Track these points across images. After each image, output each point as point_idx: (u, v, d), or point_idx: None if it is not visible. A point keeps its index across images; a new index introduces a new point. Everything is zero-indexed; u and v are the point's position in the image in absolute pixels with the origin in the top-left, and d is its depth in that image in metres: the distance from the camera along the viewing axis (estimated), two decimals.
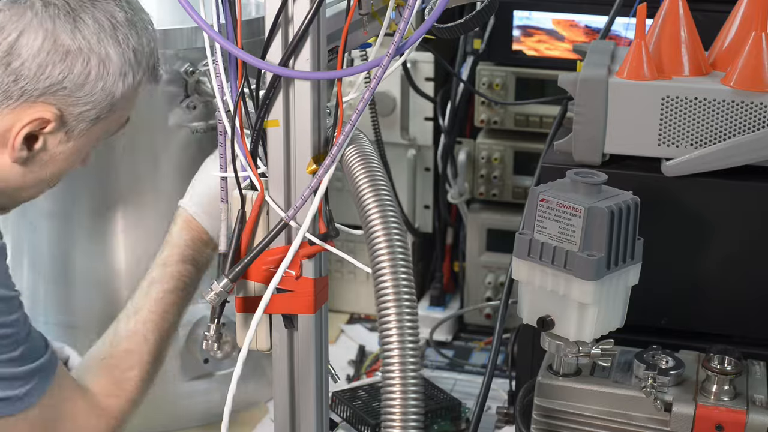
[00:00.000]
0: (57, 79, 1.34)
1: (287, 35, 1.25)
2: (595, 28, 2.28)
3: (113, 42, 1.37)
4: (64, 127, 1.38)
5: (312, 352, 1.38)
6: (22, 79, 1.33)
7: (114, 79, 1.38)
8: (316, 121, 1.29)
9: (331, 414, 1.94)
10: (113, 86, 1.38)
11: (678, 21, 1.65)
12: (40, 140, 1.37)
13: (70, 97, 1.36)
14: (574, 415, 1.50)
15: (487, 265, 2.46)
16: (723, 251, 1.63)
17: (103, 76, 1.37)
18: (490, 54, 2.38)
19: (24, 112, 1.34)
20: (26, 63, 1.33)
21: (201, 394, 2.01)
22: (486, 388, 1.70)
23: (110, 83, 1.38)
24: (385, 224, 1.18)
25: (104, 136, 1.46)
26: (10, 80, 1.33)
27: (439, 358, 2.38)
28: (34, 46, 1.33)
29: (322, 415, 1.42)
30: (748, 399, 1.46)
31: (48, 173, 1.42)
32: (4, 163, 1.37)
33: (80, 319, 1.97)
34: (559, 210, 1.41)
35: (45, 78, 1.34)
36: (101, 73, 1.37)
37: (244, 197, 1.33)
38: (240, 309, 1.37)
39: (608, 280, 1.41)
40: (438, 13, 1.25)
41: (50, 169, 1.41)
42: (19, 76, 1.33)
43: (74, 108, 1.37)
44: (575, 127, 1.64)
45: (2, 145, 1.36)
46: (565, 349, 1.45)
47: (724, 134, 1.59)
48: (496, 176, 2.43)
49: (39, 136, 1.37)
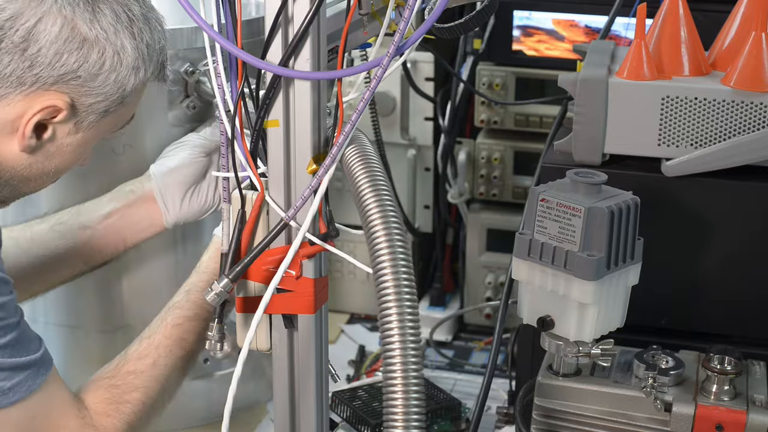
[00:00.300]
0: (72, 67, 1.33)
1: (287, 35, 1.25)
2: (595, 28, 2.28)
3: (129, 35, 1.37)
4: (74, 118, 1.37)
5: (312, 352, 1.38)
6: (38, 65, 1.32)
7: (127, 72, 1.37)
8: (316, 121, 1.29)
9: (331, 414, 1.94)
10: (125, 79, 1.38)
11: (678, 21, 1.65)
12: (50, 129, 1.36)
13: (83, 87, 1.35)
14: (574, 415, 1.50)
15: (487, 265, 2.46)
16: (723, 251, 1.63)
17: (116, 68, 1.36)
18: (490, 54, 2.38)
19: (36, 100, 1.33)
20: (43, 49, 1.31)
21: (201, 394, 2.01)
22: (486, 388, 1.70)
23: (123, 75, 1.37)
24: (386, 224, 1.18)
25: (110, 131, 1.45)
26: (25, 66, 1.32)
27: (439, 358, 2.38)
28: (52, 33, 1.31)
29: (322, 415, 1.42)
30: (748, 399, 1.46)
31: (53, 166, 1.41)
32: (13, 151, 1.36)
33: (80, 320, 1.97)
34: (559, 210, 1.41)
35: (60, 65, 1.33)
36: (115, 64, 1.36)
37: (244, 197, 1.33)
38: (240, 309, 1.37)
39: (608, 280, 1.41)
40: (438, 13, 1.25)
41: (56, 162, 1.40)
42: (35, 62, 1.32)
43: (86, 98, 1.36)
44: (575, 127, 1.64)
45: (12, 132, 1.35)
46: (565, 349, 1.45)
47: (724, 134, 1.59)
48: (496, 176, 2.43)
49: (49, 125, 1.36)
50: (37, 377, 1.35)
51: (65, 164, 1.42)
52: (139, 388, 1.47)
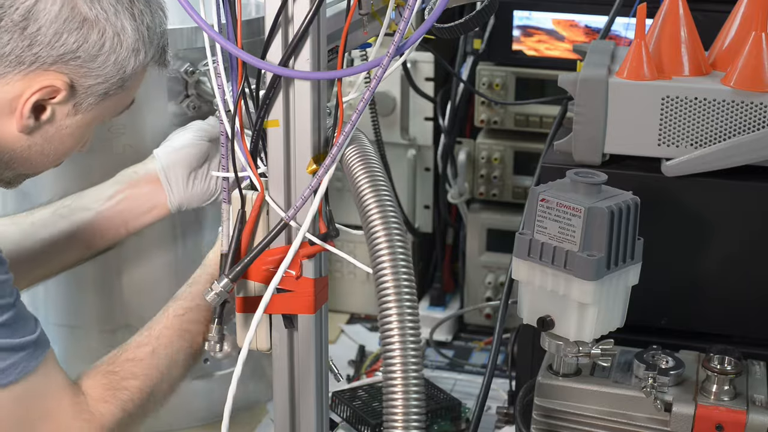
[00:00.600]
0: (71, 47, 1.33)
1: (287, 35, 1.25)
2: (595, 28, 2.28)
3: (129, 16, 1.36)
4: (73, 99, 1.36)
5: (312, 352, 1.38)
6: (37, 44, 1.31)
7: (127, 54, 1.37)
8: (316, 121, 1.29)
9: (331, 414, 1.94)
10: (125, 61, 1.37)
11: (678, 21, 1.65)
12: (48, 110, 1.36)
13: (82, 68, 1.34)
14: (574, 415, 1.50)
15: (487, 265, 2.46)
16: (723, 251, 1.63)
17: (116, 50, 1.36)
18: (490, 54, 2.38)
19: (35, 80, 1.33)
20: (42, 29, 1.31)
21: (201, 394, 2.01)
22: (486, 388, 1.70)
23: (123, 57, 1.37)
24: (386, 224, 1.18)
25: (109, 115, 1.44)
26: (25, 45, 1.31)
27: (439, 358, 2.38)
28: (51, 12, 1.31)
29: (322, 415, 1.42)
30: (748, 399, 1.46)
31: (52, 148, 1.40)
32: (11, 132, 1.35)
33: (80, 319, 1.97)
34: (559, 210, 1.41)
35: (60, 45, 1.32)
36: (115, 45, 1.35)
37: (244, 197, 1.33)
38: (240, 309, 1.37)
39: (608, 280, 1.41)
40: (438, 13, 1.25)
41: (54, 144, 1.40)
42: (34, 41, 1.31)
43: (85, 80, 1.36)
44: (575, 127, 1.64)
45: (10, 112, 1.34)
46: (565, 349, 1.45)
47: (724, 134, 1.59)
48: (496, 176, 2.43)
49: (47, 106, 1.35)
50: (32, 359, 1.34)
51: (64, 147, 1.42)
52: (138, 375, 1.45)
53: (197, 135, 1.67)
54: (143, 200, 1.67)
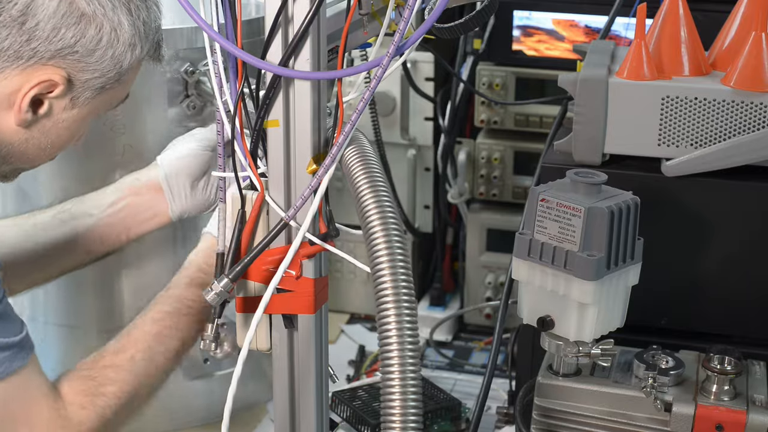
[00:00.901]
0: (69, 42, 1.33)
1: (287, 35, 1.25)
2: (595, 28, 2.28)
3: (126, 11, 1.37)
4: (70, 93, 1.37)
5: (312, 352, 1.38)
6: (35, 39, 1.32)
7: (123, 49, 1.38)
8: (316, 121, 1.29)
9: (331, 414, 1.94)
10: (122, 56, 1.38)
11: (678, 21, 1.65)
12: (46, 104, 1.36)
13: (79, 63, 1.35)
14: (574, 415, 1.50)
15: (487, 265, 2.46)
16: (723, 251, 1.63)
17: (113, 44, 1.37)
18: (490, 54, 2.38)
19: (33, 74, 1.34)
20: (41, 24, 1.32)
21: (201, 394, 2.01)
22: (486, 388, 1.70)
23: (119, 52, 1.37)
24: (384, 225, 1.18)
25: (105, 108, 1.45)
26: (23, 40, 1.32)
27: (439, 358, 2.38)
28: (50, 7, 1.32)
29: (322, 415, 1.42)
30: (748, 399, 1.46)
31: (49, 141, 1.40)
32: (9, 126, 1.36)
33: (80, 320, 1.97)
34: (559, 210, 1.41)
35: (58, 40, 1.33)
36: (112, 40, 1.36)
37: (244, 197, 1.33)
38: (240, 309, 1.37)
39: (608, 280, 1.41)
40: (438, 13, 1.25)
41: (51, 138, 1.40)
42: (32, 36, 1.32)
43: (82, 74, 1.36)
44: (575, 127, 1.64)
45: (8, 106, 1.35)
46: (565, 349, 1.45)
47: (724, 134, 1.59)
48: (496, 176, 2.43)
49: (45, 100, 1.36)
50: (15, 361, 1.34)
51: (61, 141, 1.42)
52: (116, 381, 1.45)
53: (201, 144, 1.67)
54: (145, 208, 1.67)
